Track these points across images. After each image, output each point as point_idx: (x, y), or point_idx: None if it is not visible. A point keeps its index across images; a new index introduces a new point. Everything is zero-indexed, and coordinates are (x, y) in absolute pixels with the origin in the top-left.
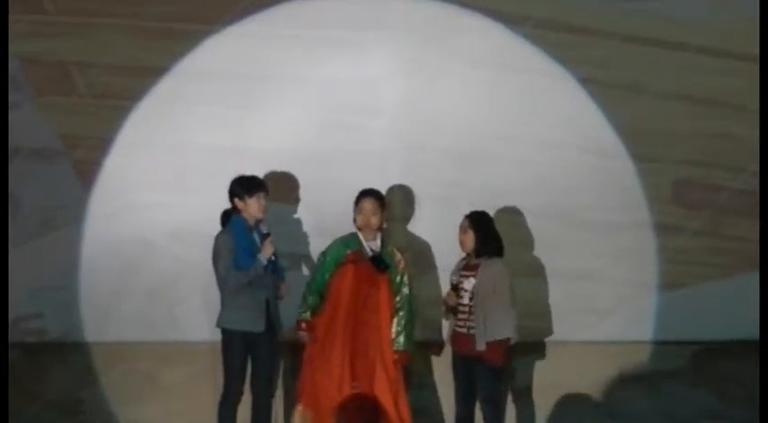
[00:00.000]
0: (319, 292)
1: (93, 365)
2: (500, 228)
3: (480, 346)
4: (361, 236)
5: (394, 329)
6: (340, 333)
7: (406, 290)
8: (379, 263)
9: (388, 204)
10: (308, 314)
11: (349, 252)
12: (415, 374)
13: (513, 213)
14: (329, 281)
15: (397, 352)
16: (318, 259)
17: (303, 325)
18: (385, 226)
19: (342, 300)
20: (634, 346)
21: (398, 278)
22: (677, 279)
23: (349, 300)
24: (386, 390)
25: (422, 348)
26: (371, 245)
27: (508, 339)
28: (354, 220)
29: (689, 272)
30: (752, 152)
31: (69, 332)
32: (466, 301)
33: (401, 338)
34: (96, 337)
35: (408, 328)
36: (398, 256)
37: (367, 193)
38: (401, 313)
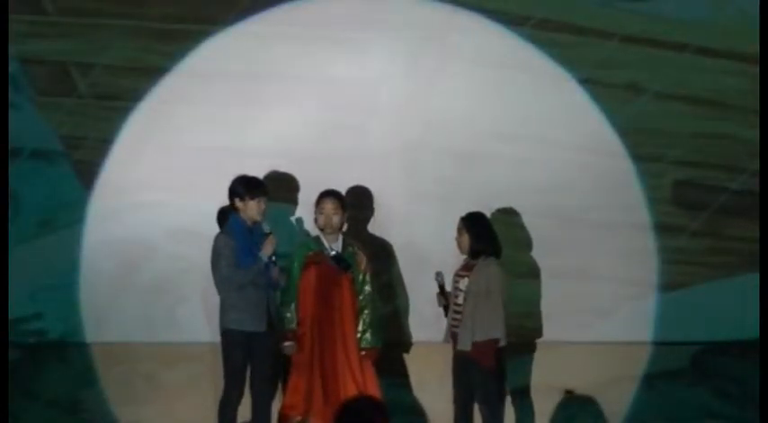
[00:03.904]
0: (296, 300)
1: (93, 365)
2: (500, 228)
3: (463, 346)
4: (322, 237)
5: (360, 328)
6: (308, 334)
7: (368, 288)
8: (341, 262)
9: (379, 205)
10: (295, 323)
11: (310, 253)
12: (413, 374)
13: (512, 213)
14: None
15: (363, 349)
16: (288, 267)
17: (290, 335)
18: (345, 228)
19: (307, 301)
20: (634, 346)
21: (361, 277)
22: (677, 279)
23: (314, 301)
24: (353, 388)
25: (422, 348)
26: (333, 246)
27: (497, 340)
28: (315, 221)
29: (689, 272)
30: (752, 152)
31: (69, 332)
32: (461, 300)
33: (367, 336)
34: (96, 337)
35: (374, 324)
36: (360, 255)
37: (327, 194)
38: (365, 311)
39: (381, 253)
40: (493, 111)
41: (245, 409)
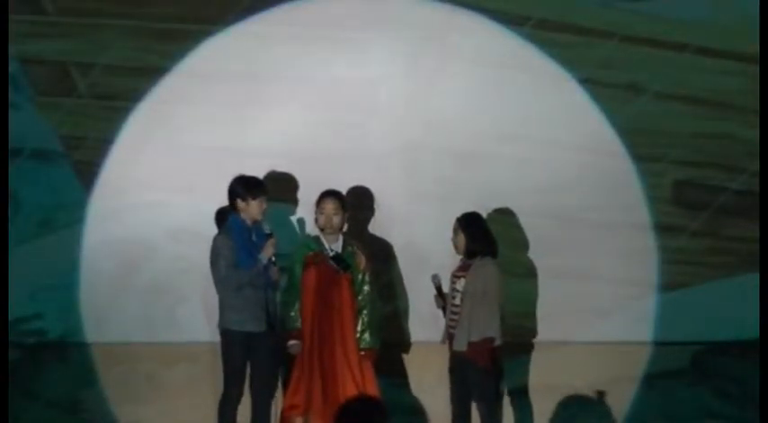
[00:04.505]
0: (299, 299)
1: (93, 365)
2: (499, 228)
3: (459, 346)
4: (322, 237)
5: (359, 328)
6: (307, 334)
7: (367, 288)
8: (340, 263)
9: (382, 205)
10: (300, 322)
11: (310, 253)
12: (412, 374)
13: (512, 213)
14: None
15: (363, 350)
16: (289, 266)
17: (295, 333)
18: (345, 228)
19: (307, 301)
20: (634, 346)
21: (360, 277)
22: (677, 279)
23: (313, 301)
24: (352, 388)
25: (421, 349)
26: (333, 246)
27: (492, 339)
28: (316, 221)
29: (689, 272)
30: (752, 152)
31: (69, 332)
32: (458, 301)
33: (366, 336)
34: (96, 337)
35: (372, 325)
36: (360, 255)
37: (328, 194)
38: (364, 311)
39: (381, 253)
40: (493, 111)
41: (245, 409)
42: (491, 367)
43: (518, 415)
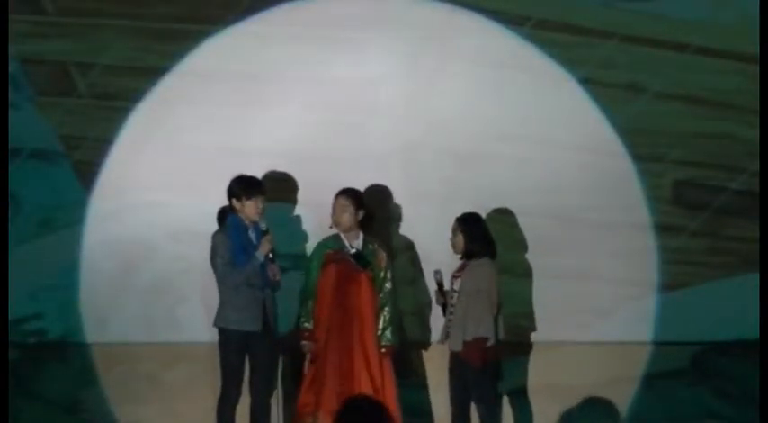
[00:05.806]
0: (315, 298)
1: (93, 365)
2: (499, 228)
3: (454, 346)
4: (342, 235)
5: (380, 325)
6: (324, 332)
7: (388, 285)
8: (360, 260)
9: (392, 204)
10: (311, 323)
11: (329, 252)
12: (414, 375)
13: (512, 214)
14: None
15: (384, 346)
16: (306, 265)
17: (306, 334)
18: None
19: (326, 299)
20: (634, 346)
21: (381, 274)
22: (677, 279)
23: (332, 299)
24: (368, 387)
25: (421, 349)
26: (353, 243)
27: (485, 339)
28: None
29: (689, 272)
30: (752, 152)
31: (69, 332)
32: (455, 301)
33: (387, 333)
34: (96, 337)
35: (394, 322)
36: (380, 253)
37: (340, 192)
38: (386, 308)
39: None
40: (493, 111)
41: (244, 408)
42: (483, 367)
43: (518, 415)
